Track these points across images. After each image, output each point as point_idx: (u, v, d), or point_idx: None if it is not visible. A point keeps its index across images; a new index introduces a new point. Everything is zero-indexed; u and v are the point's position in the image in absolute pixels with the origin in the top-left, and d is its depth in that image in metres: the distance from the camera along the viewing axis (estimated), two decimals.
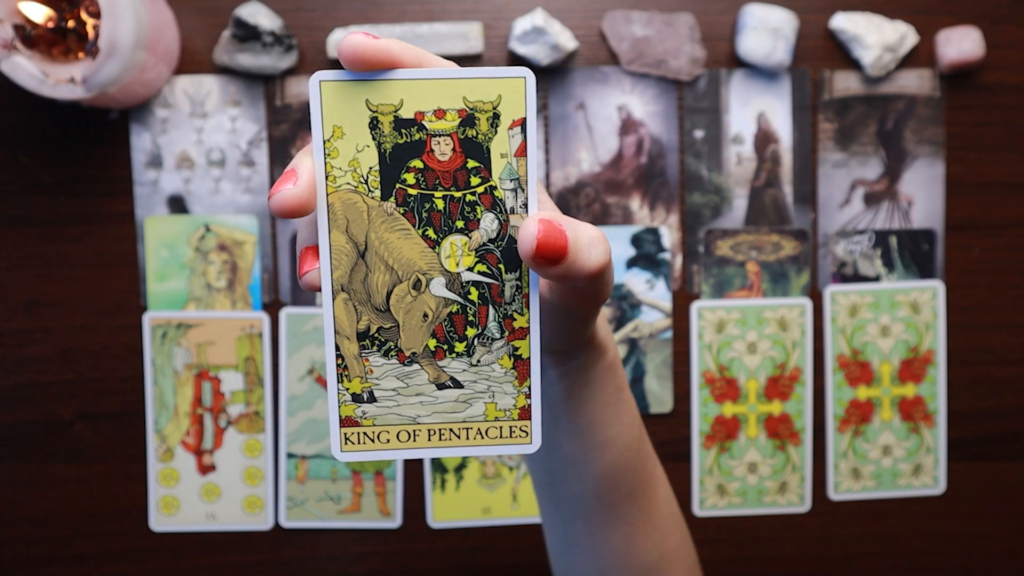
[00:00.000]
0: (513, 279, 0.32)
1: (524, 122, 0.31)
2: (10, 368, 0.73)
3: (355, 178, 0.31)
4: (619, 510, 0.44)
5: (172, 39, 0.70)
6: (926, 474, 0.76)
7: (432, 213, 0.31)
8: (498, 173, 0.31)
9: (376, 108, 0.30)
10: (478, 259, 0.32)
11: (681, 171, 0.74)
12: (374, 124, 0.30)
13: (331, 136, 0.30)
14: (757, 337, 0.74)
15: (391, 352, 0.32)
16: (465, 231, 0.31)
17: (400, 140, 0.31)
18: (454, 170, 0.31)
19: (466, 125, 0.31)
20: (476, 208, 0.31)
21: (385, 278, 0.32)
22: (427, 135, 0.31)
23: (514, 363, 0.33)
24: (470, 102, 0.30)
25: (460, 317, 0.32)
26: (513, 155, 0.31)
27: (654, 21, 0.72)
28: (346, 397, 0.32)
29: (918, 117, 0.74)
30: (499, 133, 0.31)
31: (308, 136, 0.72)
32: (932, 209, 0.75)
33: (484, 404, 0.33)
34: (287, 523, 0.74)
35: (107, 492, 0.74)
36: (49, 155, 0.72)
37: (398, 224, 0.31)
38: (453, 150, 0.31)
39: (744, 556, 0.76)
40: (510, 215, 0.31)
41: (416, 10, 0.72)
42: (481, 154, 0.31)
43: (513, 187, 0.31)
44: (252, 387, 0.73)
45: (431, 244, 0.31)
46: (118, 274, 0.72)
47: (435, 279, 0.32)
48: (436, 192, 0.31)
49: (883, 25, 0.72)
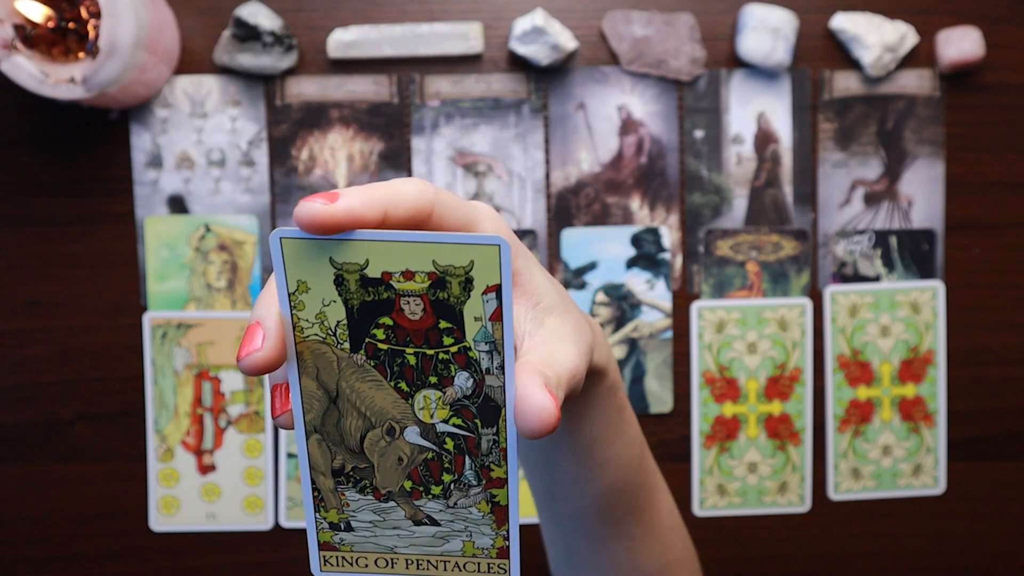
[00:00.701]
0: (490, 433, 0.31)
1: (499, 288, 0.29)
2: (10, 368, 0.73)
3: (323, 330, 0.29)
4: (621, 525, 0.43)
5: (172, 39, 0.70)
6: (926, 474, 0.76)
7: (404, 367, 0.30)
8: (472, 335, 0.29)
9: (340, 266, 0.28)
10: (453, 413, 0.30)
11: (681, 171, 0.74)
12: (339, 281, 0.29)
13: (296, 290, 0.29)
14: (757, 337, 0.74)
15: (367, 489, 0.31)
16: (439, 387, 0.30)
17: (368, 298, 0.29)
18: (425, 329, 0.29)
19: (437, 288, 0.29)
20: (450, 366, 0.30)
21: (358, 423, 0.31)
22: (396, 295, 0.29)
23: (492, 508, 0.32)
24: (440, 266, 0.28)
25: (436, 464, 0.31)
26: (488, 319, 0.29)
27: (654, 21, 0.72)
28: (324, 524, 0.32)
29: (918, 117, 0.74)
30: (472, 297, 0.29)
31: (308, 136, 0.72)
32: (932, 209, 0.75)
33: (462, 541, 0.32)
34: (287, 523, 0.74)
35: (107, 492, 0.74)
36: (49, 155, 0.72)
37: (369, 375, 0.30)
38: (424, 310, 0.29)
39: (744, 556, 0.76)
40: (485, 374, 0.30)
41: (416, 10, 0.72)
42: (453, 316, 0.29)
43: (488, 349, 0.29)
44: (252, 387, 0.73)
45: (404, 396, 0.30)
46: (118, 274, 0.72)
47: (409, 427, 0.31)
48: (407, 348, 0.29)
49: (883, 25, 0.72)
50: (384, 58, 0.72)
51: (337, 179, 0.73)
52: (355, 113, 0.72)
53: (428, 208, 0.30)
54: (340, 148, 0.73)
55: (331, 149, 0.73)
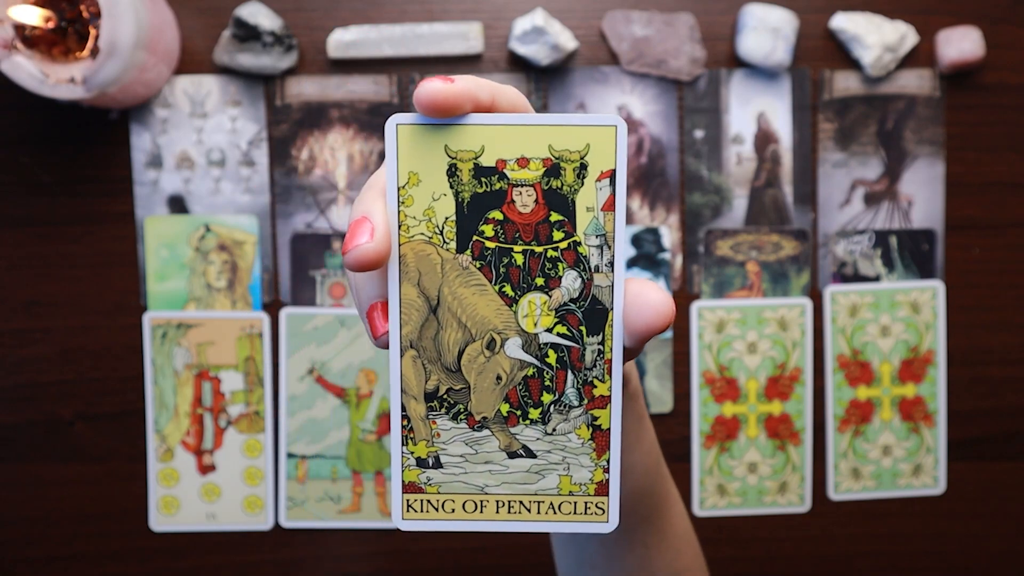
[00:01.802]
0: (595, 343, 0.29)
1: (613, 174, 0.28)
2: (10, 368, 0.73)
3: (430, 228, 0.29)
4: (636, 533, 0.43)
5: (172, 39, 0.70)
6: (926, 474, 0.76)
7: (510, 268, 0.29)
8: (583, 228, 0.29)
9: (455, 155, 0.28)
10: (558, 320, 0.29)
11: (681, 171, 0.74)
12: (452, 171, 0.28)
13: (406, 183, 0.28)
14: (757, 337, 0.74)
15: (460, 416, 0.30)
16: (545, 289, 0.29)
17: (479, 189, 0.28)
18: (536, 223, 0.29)
19: (551, 175, 0.28)
20: (558, 265, 0.29)
21: (457, 336, 0.29)
22: (508, 185, 0.28)
23: (592, 433, 0.30)
24: (556, 151, 0.28)
25: (536, 381, 0.30)
26: (600, 209, 0.29)
27: (654, 21, 0.72)
28: (410, 461, 0.30)
29: (918, 117, 0.74)
30: (586, 185, 0.28)
31: (308, 136, 0.72)
32: (932, 209, 0.75)
33: (558, 476, 0.30)
34: (287, 523, 0.74)
35: (107, 492, 0.74)
36: (49, 155, 0.72)
37: (473, 279, 0.29)
38: (536, 202, 0.29)
39: (744, 556, 0.76)
40: (594, 273, 0.29)
41: (416, 10, 0.72)
42: (566, 207, 0.29)
43: (599, 244, 0.29)
44: (252, 387, 0.73)
45: (508, 302, 0.29)
46: (118, 274, 0.72)
47: (511, 339, 0.30)
48: (516, 246, 0.29)
49: (883, 25, 0.72)
50: (384, 58, 0.72)
51: (337, 179, 0.73)
52: (355, 113, 0.72)
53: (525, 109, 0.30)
54: (340, 148, 0.73)
55: (331, 149, 0.73)
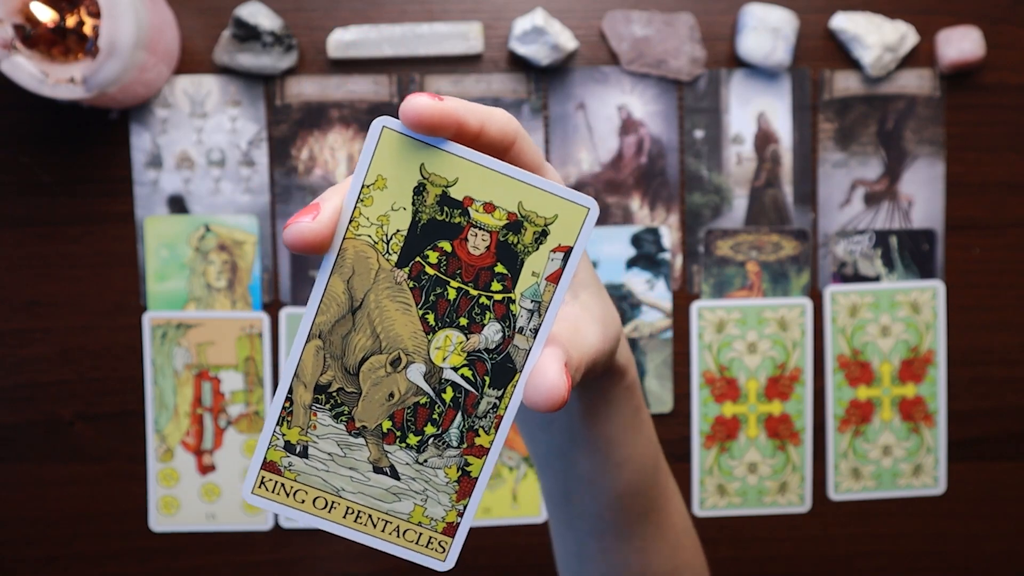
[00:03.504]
0: (494, 396, 0.30)
1: (569, 251, 0.29)
2: (10, 368, 0.73)
3: (378, 234, 0.29)
4: (634, 528, 0.43)
5: (172, 39, 0.70)
6: (926, 474, 0.76)
7: (440, 300, 0.29)
8: (521, 289, 0.29)
9: (428, 176, 0.28)
10: (467, 363, 0.30)
11: (681, 171, 0.74)
12: (419, 190, 0.28)
13: (372, 183, 0.28)
14: (757, 337, 0.74)
15: (342, 417, 0.30)
16: (466, 330, 0.29)
17: (439, 216, 0.29)
18: (480, 268, 0.29)
19: (510, 229, 0.29)
20: (486, 313, 0.29)
21: (367, 343, 0.30)
22: (468, 223, 0.29)
23: (460, 477, 0.31)
24: (524, 210, 0.28)
25: (424, 411, 0.30)
26: (544, 278, 0.29)
27: (654, 21, 0.72)
28: (279, 442, 0.30)
29: (918, 117, 0.74)
30: (540, 251, 0.29)
31: (308, 136, 0.72)
32: (932, 209, 0.75)
33: (413, 504, 0.31)
34: (287, 523, 0.74)
35: (107, 492, 0.74)
36: (49, 155, 0.72)
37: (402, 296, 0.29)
38: (487, 248, 0.29)
39: (744, 556, 0.76)
40: (516, 334, 0.29)
41: (416, 10, 0.72)
42: (514, 263, 0.29)
43: (532, 308, 0.29)
44: (252, 387, 0.73)
45: (426, 329, 0.29)
46: (118, 274, 0.72)
47: (416, 364, 0.30)
48: (453, 281, 0.29)
49: (883, 25, 0.72)
50: (384, 58, 0.72)
51: (337, 179, 0.73)
52: (355, 113, 0.72)
53: (513, 137, 0.30)
54: (340, 148, 0.73)
55: (331, 149, 0.73)
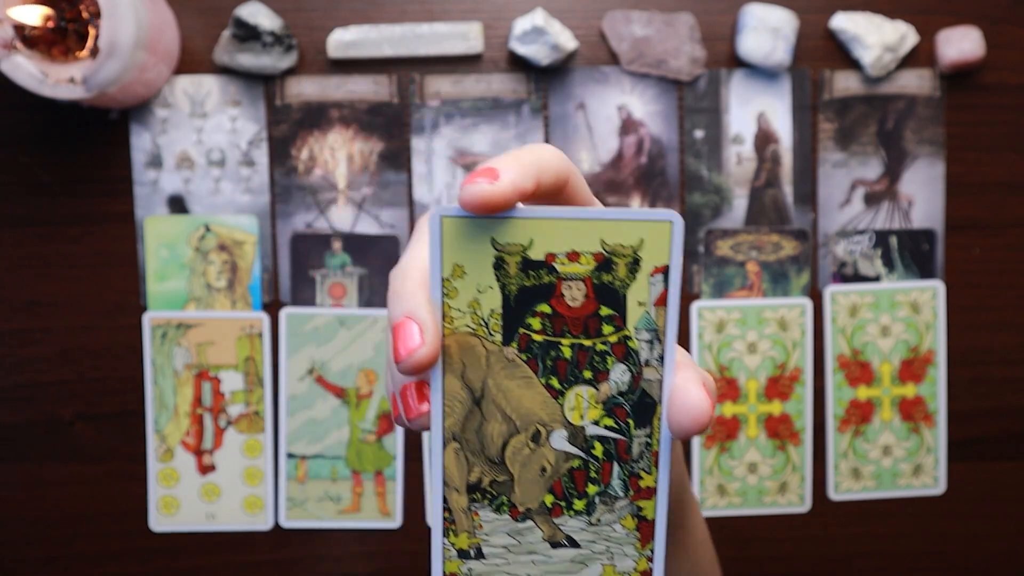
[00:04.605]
0: (643, 435, 0.29)
1: (667, 269, 0.27)
2: (10, 368, 0.73)
3: (474, 320, 0.28)
4: None
5: (172, 39, 0.70)
6: (926, 474, 0.76)
7: (558, 362, 0.28)
8: (634, 323, 0.28)
9: (503, 248, 0.27)
10: (605, 412, 0.29)
11: (681, 171, 0.74)
12: (499, 264, 0.27)
13: (451, 275, 0.27)
14: (757, 337, 0.74)
15: (503, 507, 0.29)
16: (593, 382, 0.28)
17: (527, 283, 0.27)
18: (585, 317, 0.28)
19: (602, 270, 0.27)
20: (607, 358, 0.28)
21: (501, 428, 0.29)
22: (557, 279, 0.27)
23: (637, 524, 0.29)
24: (608, 245, 0.27)
25: (581, 473, 0.29)
26: (652, 304, 0.28)
27: (654, 21, 0.72)
28: (452, 552, 0.29)
29: (918, 117, 0.74)
30: (638, 280, 0.28)
31: (308, 136, 0.72)
32: (932, 209, 0.75)
33: (601, 566, 0.30)
34: (287, 523, 0.74)
35: (107, 492, 0.74)
36: (49, 155, 0.72)
37: (519, 371, 0.28)
38: (586, 296, 0.28)
39: (744, 556, 0.76)
40: (643, 367, 0.28)
41: (416, 10, 0.72)
42: (616, 301, 0.28)
43: (650, 338, 0.28)
44: (252, 387, 0.73)
45: (554, 394, 0.28)
46: (118, 274, 0.72)
47: (556, 431, 0.29)
48: (563, 339, 0.28)
49: (883, 25, 0.72)
50: (384, 58, 0.72)
51: (337, 179, 0.73)
52: (355, 113, 0.72)
53: (566, 176, 0.29)
54: (340, 148, 0.73)
55: (331, 149, 0.73)
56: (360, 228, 0.73)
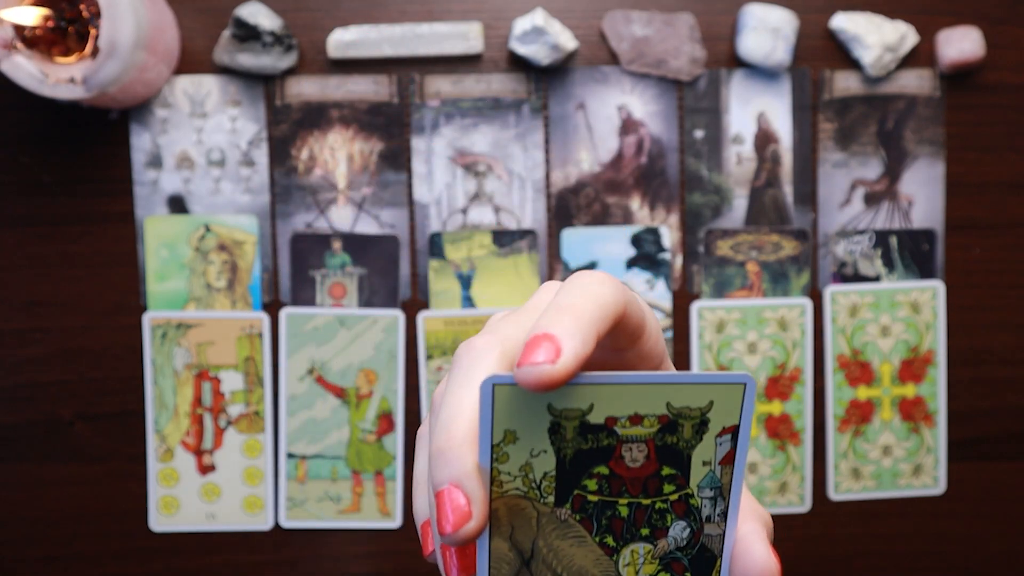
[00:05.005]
0: None
1: (737, 429, 0.26)
2: (10, 368, 0.73)
3: (526, 483, 0.26)
4: None
5: (172, 39, 0.70)
6: (926, 474, 0.76)
7: (613, 520, 0.27)
8: (697, 481, 0.27)
9: (559, 413, 0.25)
10: (661, 567, 0.27)
11: (681, 171, 0.74)
12: (555, 429, 0.26)
13: (501, 440, 0.26)
14: (757, 337, 0.74)
15: None
16: (651, 539, 0.27)
17: (584, 446, 0.26)
18: (645, 477, 0.27)
19: (666, 431, 0.26)
20: (666, 516, 0.27)
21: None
22: (618, 441, 0.26)
23: None
24: (675, 408, 0.26)
25: None
26: (718, 463, 0.27)
27: (654, 21, 0.72)
28: None
29: (918, 117, 0.74)
30: (704, 441, 0.26)
31: (308, 136, 0.72)
32: (932, 209, 0.75)
33: None
34: (287, 523, 0.74)
35: (107, 492, 0.74)
36: (49, 155, 0.72)
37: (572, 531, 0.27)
38: (647, 457, 0.26)
39: None
40: (705, 523, 0.27)
41: (416, 10, 0.72)
42: (680, 461, 0.26)
43: (713, 496, 0.27)
44: (252, 387, 0.73)
45: (608, 552, 0.27)
46: (118, 274, 0.73)
47: None
48: (621, 499, 0.27)
49: (883, 25, 0.72)
50: (384, 58, 0.72)
51: (337, 179, 0.73)
52: (355, 113, 0.72)
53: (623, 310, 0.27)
54: (340, 148, 0.73)
55: (331, 149, 0.73)
56: (360, 228, 0.73)
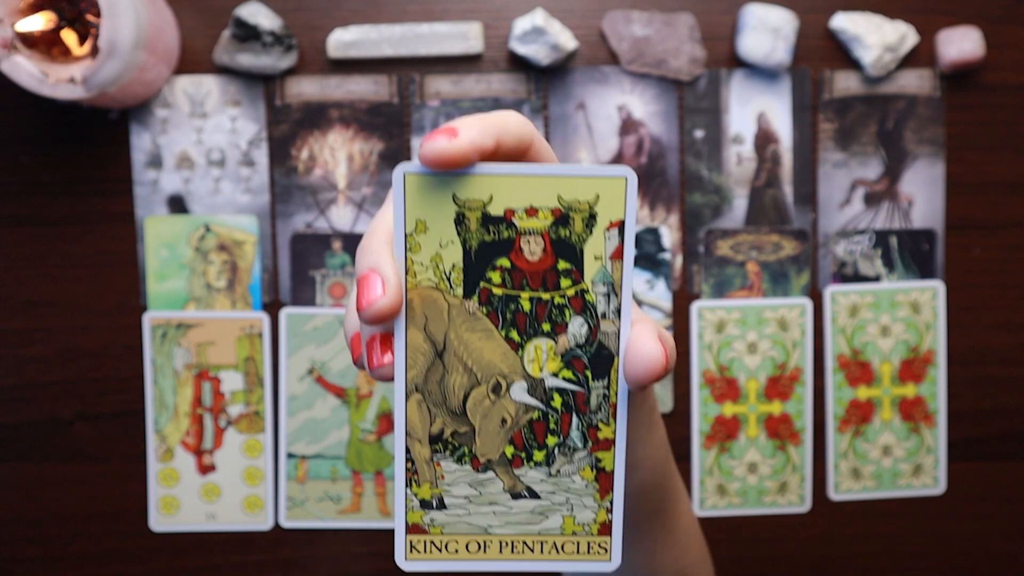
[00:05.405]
0: (601, 387, 0.30)
1: (623, 224, 0.28)
2: (10, 368, 0.73)
3: (436, 274, 0.29)
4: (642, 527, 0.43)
5: (172, 39, 0.70)
6: (926, 474, 0.76)
7: (517, 315, 0.29)
8: (591, 276, 0.29)
9: (463, 204, 0.28)
10: (564, 365, 0.29)
11: (681, 171, 0.74)
12: (460, 220, 0.28)
13: (414, 230, 0.28)
14: (757, 337, 0.74)
15: (465, 458, 0.30)
16: (551, 335, 0.29)
17: (487, 238, 0.28)
18: (543, 271, 0.29)
19: (559, 224, 0.28)
20: (565, 311, 0.29)
21: (463, 380, 0.29)
22: (516, 233, 0.29)
23: (596, 475, 0.30)
24: (565, 201, 0.28)
25: (541, 424, 0.30)
26: (608, 258, 0.29)
27: (654, 21, 0.72)
28: (414, 503, 0.30)
29: (918, 117, 0.74)
30: (594, 234, 0.29)
31: (308, 136, 0.72)
32: (932, 209, 0.75)
33: (561, 517, 0.31)
34: (287, 523, 0.74)
35: (107, 492, 0.74)
36: (49, 155, 0.72)
37: (480, 324, 0.29)
38: (544, 250, 0.29)
39: (744, 556, 0.76)
40: (600, 320, 0.29)
41: (416, 10, 0.72)
42: (574, 255, 0.29)
43: (606, 291, 0.29)
44: (252, 387, 0.73)
45: (514, 347, 0.29)
46: (118, 274, 0.73)
47: (516, 383, 0.30)
48: (523, 293, 0.29)
49: (883, 25, 0.72)
50: (384, 58, 0.72)
51: (337, 179, 0.73)
52: (355, 113, 0.72)
53: (529, 139, 0.30)
54: (340, 148, 0.73)
55: (331, 149, 0.73)
56: (360, 228, 0.73)
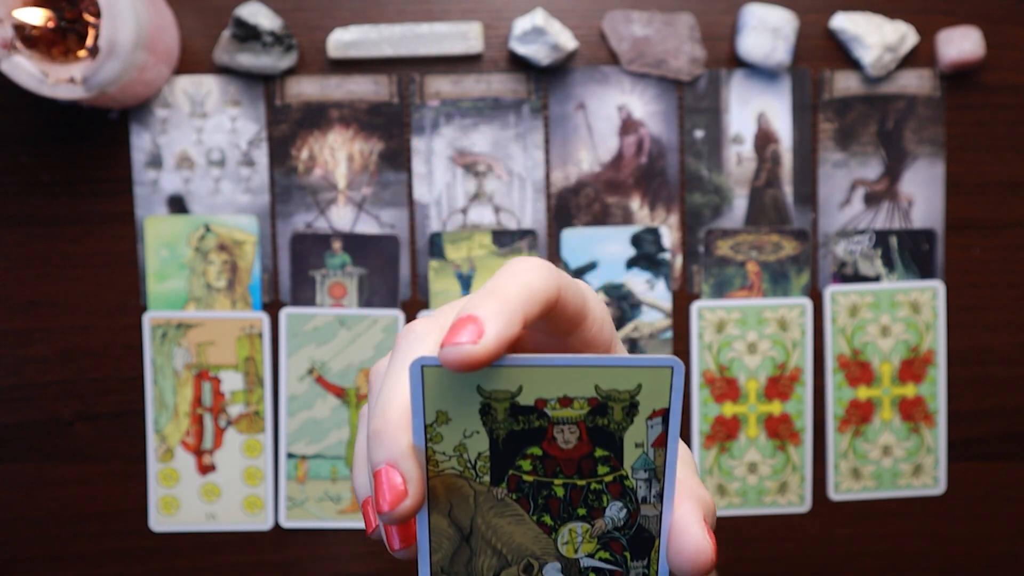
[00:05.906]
0: (640, 567, 0.28)
1: (667, 412, 0.26)
2: (10, 368, 0.73)
3: (461, 463, 0.27)
4: None
5: (172, 39, 0.70)
6: (926, 474, 0.76)
7: (550, 500, 0.27)
8: (630, 463, 0.27)
9: (489, 395, 0.26)
10: (600, 546, 0.28)
11: (681, 171, 0.74)
12: (486, 411, 0.26)
13: (434, 421, 0.26)
14: (757, 337, 0.74)
15: None
16: (587, 519, 0.27)
17: (516, 427, 0.26)
18: (579, 458, 0.27)
19: (596, 413, 0.26)
20: (602, 496, 0.27)
21: (492, 562, 0.28)
22: (549, 423, 0.26)
23: None
24: (603, 391, 0.26)
25: None
26: (650, 445, 0.27)
27: (654, 21, 0.72)
28: None
29: (918, 117, 0.74)
30: (635, 423, 0.26)
31: (308, 136, 0.72)
32: (932, 209, 0.75)
33: None
34: (287, 523, 0.74)
35: (107, 492, 0.74)
36: (49, 155, 0.72)
37: (509, 510, 0.27)
38: (579, 438, 0.27)
39: (744, 556, 0.76)
40: (641, 504, 0.27)
41: (416, 10, 0.72)
42: (612, 443, 0.27)
43: (647, 477, 0.27)
44: (252, 387, 0.73)
45: (547, 530, 0.28)
46: (118, 274, 0.73)
47: (549, 564, 0.28)
48: (556, 480, 0.27)
49: (883, 25, 0.72)
50: (384, 58, 0.72)
51: (337, 179, 0.73)
52: (355, 113, 0.72)
53: (555, 295, 0.27)
54: (340, 148, 0.73)
55: (331, 149, 0.73)
56: (360, 228, 0.73)
